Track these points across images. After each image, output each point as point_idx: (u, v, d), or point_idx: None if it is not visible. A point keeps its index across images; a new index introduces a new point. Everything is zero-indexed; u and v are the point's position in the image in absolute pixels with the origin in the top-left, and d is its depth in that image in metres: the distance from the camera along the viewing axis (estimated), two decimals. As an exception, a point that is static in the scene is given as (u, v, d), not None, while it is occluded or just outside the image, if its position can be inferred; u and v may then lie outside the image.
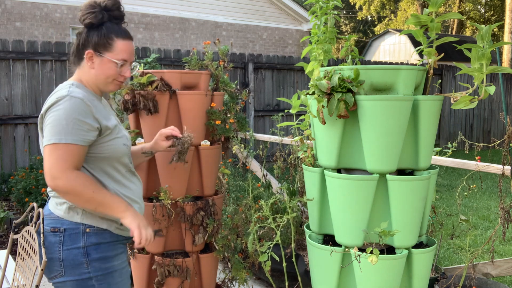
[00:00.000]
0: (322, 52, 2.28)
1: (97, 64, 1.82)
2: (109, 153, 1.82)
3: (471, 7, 28.05)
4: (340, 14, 28.59)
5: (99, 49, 1.81)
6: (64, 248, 1.76)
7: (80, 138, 1.71)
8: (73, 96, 1.73)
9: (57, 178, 1.67)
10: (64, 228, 1.77)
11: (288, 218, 2.32)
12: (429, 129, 1.94)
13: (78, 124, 1.71)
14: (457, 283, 2.88)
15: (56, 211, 1.80)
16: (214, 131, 2.67)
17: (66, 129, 1.69)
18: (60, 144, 1.68)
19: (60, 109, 1.70)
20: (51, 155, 1.69)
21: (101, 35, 1.81)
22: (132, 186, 1.92)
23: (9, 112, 6.45)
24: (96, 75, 1.83)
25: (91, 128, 1.74)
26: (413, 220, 1.95)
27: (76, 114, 1.70)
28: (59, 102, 1.72)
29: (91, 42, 1.81)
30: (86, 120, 1.72)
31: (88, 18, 1.80)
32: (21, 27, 10.36)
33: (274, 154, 4.27)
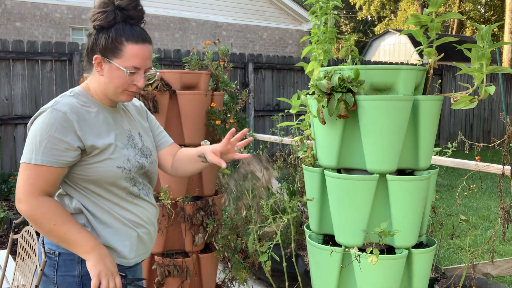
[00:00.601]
0: (322, 52, 2.27)
1: (106, 71, 1.59)
2: (97, 176, 1.58)
3: (471, 7, 28.05)
4: (340, 14, 28.59)
5: (107, 55, 1.58)
6: (59, 273, 1.60)
7: (54, 159, 1.50)
8: (55, 109, 1.52)
9: (21, 201, 1.51)
10: (59, 252, 1.60)
11: (288, 218, 2.32)
12: (429, 129, 1.94)
13: (53, 143, 1.50)
14: (457, 283, 2.88)
15: None
16: (214, 131, 2.68)
17: (38, 148, 1.49)
18: (30, 165, 1.50)
19: (38, 124, 1.52)
20: (21, 175, 1.52)
21: (108, 38, 1.57)
22: (136, 210, 1.67)
23: (9, 112, 6.45)
24: (105, 83, 1.61)
25: (69, 147, 1.52)
26: (413, 220, 1.95)
27: (52, 131, 1.50)
28: (40, 115, 1.54)
29: (99, 46, 1.58)
30: (64, 138, 1.51)
31: (98, 19, 1.58)
32: (21, 27, 10.36)
33: (274, 154, 4.27)
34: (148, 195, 1.73)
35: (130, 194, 1.66)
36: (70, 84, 6.82)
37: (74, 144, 1.52)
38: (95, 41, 1.59)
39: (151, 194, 1.76)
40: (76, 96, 1.61)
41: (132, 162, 1.65)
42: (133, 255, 1.67)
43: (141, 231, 1.68)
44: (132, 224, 1.65)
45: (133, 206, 1.66)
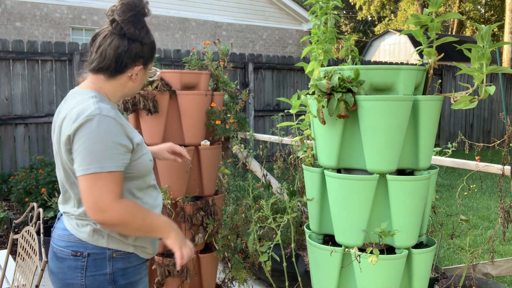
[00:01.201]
0: (322, 52, 2.27)
1: (140, 77, 1.69)
2: (138, 172, 1.66)
3: (471, 7, 28.05)
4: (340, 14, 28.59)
5: (147, 63, 1.69)
6: (88, 274, 1.60)
7: (120, 164, 1.55)
8: (104, 116, 1.53)
9: (107, 211, 1.51)
10: (88, 253, 1.61)
11: (288, 218, 2.32)
12: (429, 129, 1.94)
13: (116, 148, 1.53)
14: (457, 283, 2.88)
15: (78, 233, 1.63)
16: (214, 131, 2.68)
17: (104, 155, 1.51)
18: (102, 173, 1.51)
19: (93, 132, 1.51)
20: (94, 186, 1.51)
21: (151, 47, 1.67)
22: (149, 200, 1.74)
23: (9, 112, 6.45)
24: (132, 87, 1.69)
25: (127, 150, 1.58)
26: (413, 220, 1.95)
27: (112, 137, 1.53)
28: (90, 123, 1.51)
29: (142, 56, 1.64)
30: (122, 142, 1.56)
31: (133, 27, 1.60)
32: (21, 27, 10.36)
33: (274, 154, 4.27)
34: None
35: (152, 186, 1.76)
36: (70, 84, 6.81)
37: (129, 146, 1.58)
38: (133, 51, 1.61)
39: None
40: (102, 99, 1.62)
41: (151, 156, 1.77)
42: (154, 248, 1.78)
43: None
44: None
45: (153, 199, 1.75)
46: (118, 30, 1.60)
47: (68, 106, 1.60)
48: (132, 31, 1.59)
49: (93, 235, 1.61)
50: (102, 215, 1.51)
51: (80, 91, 1.64)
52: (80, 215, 1.63)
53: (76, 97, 1.61)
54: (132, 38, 1.60)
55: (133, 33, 1.60)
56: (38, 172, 5.47)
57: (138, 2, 1.60)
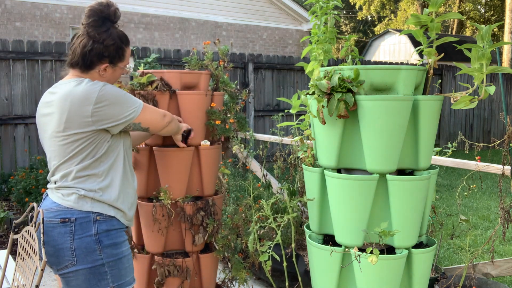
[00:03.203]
0: (322, 52, 2.27)
1: (109, 73, 1.94)
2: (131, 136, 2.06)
3: (471, 7, 28.05)
4: (340, 14, 28.59)
5: (115, 61, 1.92)
6: (76, 237, 1.80)
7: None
8: (106, 84, 1.85)
9: (166, 115, 2.10)
10: (75, 218, 1.82)
11: (289, 218, 2.32)
12: (429, 129, 1.94)
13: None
14: (457, 283, 2.88)
15: (64, 202, 1.84)
16: (214, 131, 2.67)
17: (132, 99, 1.90)
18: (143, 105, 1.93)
19: (110, 91, 1.83)
20: (149, 112, 1.98)
21: (116, 46, 1.90)
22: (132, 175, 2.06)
23: (9, 112, 6.45)
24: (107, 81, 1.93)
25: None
26: (413, 220, 1.95)
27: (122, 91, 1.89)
28: (102, 89, 1.82)
29: (106, 55, 1.89)
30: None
31: (94, 30, 1.86)
32: (21, 27, 10.36)
33: (274, 154, 4.27)
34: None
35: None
36: (70, 84, 6.80)
37: None
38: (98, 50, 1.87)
39: None
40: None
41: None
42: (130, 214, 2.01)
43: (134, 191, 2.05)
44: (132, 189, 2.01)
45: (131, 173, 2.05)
46: (84, 32, 1.87)
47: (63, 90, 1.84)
48: (93, 34, 1.85)
49: (78, 201, 1.83)
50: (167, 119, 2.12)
51: (67, 81, 1.88)
52: (62, 185, 1.86)
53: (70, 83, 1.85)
54: (94, 39, 1.86)
55: (94, 36, 1.85)
56: (38, 172, 5.47)
57: (104, 9, 1.86)
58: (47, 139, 1.91)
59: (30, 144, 6.56)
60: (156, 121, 2.04)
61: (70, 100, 1.81)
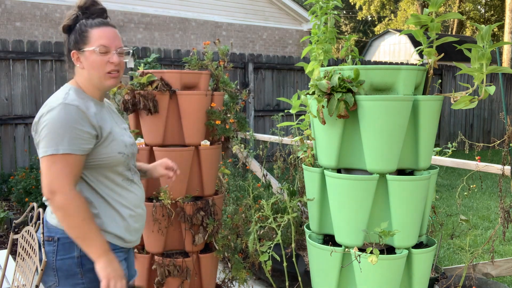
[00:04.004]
0: (322, 52, 2.27)
1: (84, 61, 1.76)
2: (106, 161, 1.73)
3: (471, 7, 28.04)
4: (340, 14, 28.59)
5: (79, 47, 1.75)
6: (58, 257, 1.70)
7: (79, 148, 1.64)
8: (67, 104, 1.65)
9: (56, 193, 1.60)
10: (58, 237, 1.70)
11: (289, 218, 2.32)
12: (429, 129, 1.94)
13: (76, 133, 1.63)
14: (457, 283, 2.88)
15: (50, 219, 1.73)
16: (214, 131, 2.68)
17: (63, 138, 1.61)
18: (58, 155, 1.61)
19: (55, 117, 1.63)
20: (51, 167, 1.61)
21: (76, 32, 1.78)
22: (127, 195, 1.81)
23: (9, 112, 6.45)
24: (89, 74, 1.76)
25: (89, 135, 1.67)
26: (413, 220, 1.95)
27: (72, 122, 1.63)
28: (53, 111, 1.64)
29: (72, 43, 1.78)
30: (84, 128, 1.65)
31: (64, 22, 1.80)
32: (21, 27, 10.36)
33: (274, 154, 4.27)
34: (139, 180, 1.93)
35: (126, 179, 1.82)
36: (70, 84, 6.81)
37: (92, 132, 1.67)
38: (68, 41, 1.79)
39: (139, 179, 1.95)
40: (76, 92, 1.74)
41: (128, 149, 1.82)
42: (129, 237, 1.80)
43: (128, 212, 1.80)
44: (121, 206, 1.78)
45: (125, 191, 1.80)
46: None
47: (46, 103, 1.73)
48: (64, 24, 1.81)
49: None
50: (51, 196, 1.61)
51: (61, 88, 1.79)
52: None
53: (55, 94, 1.76)
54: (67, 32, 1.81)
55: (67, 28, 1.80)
56: (38, 172, 5.47)
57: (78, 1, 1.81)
58: None
59: (30, 144, 6.56)
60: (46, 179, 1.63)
61: None
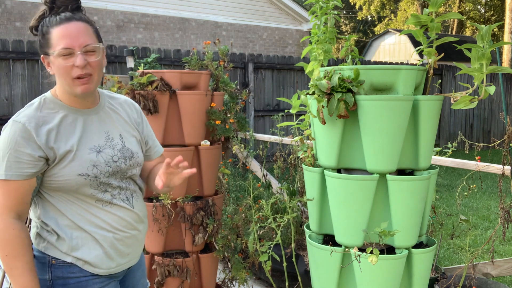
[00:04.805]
0: (322, 52, 2.27)
1: (52, 67, 1.54)
2: (60, 184, 1.52)
3: (471, 7, 28.04)
4: (340, 14, 28.58)
5: (45, 51, 1.54)
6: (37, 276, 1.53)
7: (18, 172, 1.46)
8: (15, 121, 1.48)
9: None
10: (34, 255, 1.55)
11: (289, 218, 2.32)
12: (429, 129, 1.94)
13: (15, 156, 1.45)
14: (457, 283, 2.88)
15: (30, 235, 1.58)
16: (214, 131, 2.68)
17: (1, 163, 1.46)
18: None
19: (1, 138, 1.49)
20: None
21: (39, 35, 1.56)
22: (105, 216, 1.57)
23: (9, 112, 6.45)
24: (59, 80, 1.55)
25: (31, 158, 1.46)
26: (413, 220, 1.95)
27: (12, 144, 1.45)
28: (4, 129, 1.50)
29: (38, 46, 1.58)
30: (25, 150, 1.45)
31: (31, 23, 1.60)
32: (21, 27, 10.36)
33: (274, 154, 4.27)
34: (129, 200, 1.64)
35: (100, 200, 1.57)
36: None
37: (36, 154, 1.46)
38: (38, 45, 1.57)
39: (136, 197, 1.67)
40: (42, 103, 1.54)
41: (100, 167, 1.55)
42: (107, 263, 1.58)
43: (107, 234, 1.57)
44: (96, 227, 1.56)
45: (101, 212, 1.57)
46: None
47: None
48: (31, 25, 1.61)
49: (35, 237, 1.57)
50: None
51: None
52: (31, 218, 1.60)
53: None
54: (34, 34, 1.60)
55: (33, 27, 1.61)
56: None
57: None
58: None
59: (30, 144, 6.56)
60: None
61: None
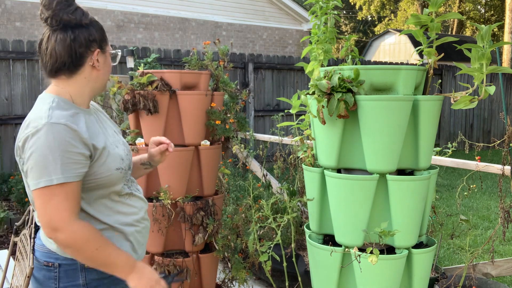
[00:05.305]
0: (322, 52, 2.27)
1: (102, 63, 1.55)
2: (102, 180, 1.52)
3: (471, 7, 28.04)
4: (340, 14, 28.57)
5: (103, 45, 1.54)
6: (61, 285, 1.52)
7: (74, 174, 1.42)
8: (54, 123, 1.40)
9: (58, 230, 1.40)
10: (59, 264, 1.52)
11: (289, 218, 2.32)
12: (429, 129, 1.94)
13: (68, 157, 1.40)
14: (457, 283, 2.88)
15: (48, 243, 1.54)
16: (214, 131, 2.68)
17: (55, 166, 1.38)
18: (52, 187, 1.39)
19: (42, 142, 1.39)
20: (47, 202, 1.40)
21: (99, 28, 1.53)
22: (128, 210, 1.63)
23: (9, 112, 6.45)
24: (97, 77, 1.56)
25: (83, 157, 1.44)
26: (413, 220, 1.95)
27: (63, 145, 1.39)
28: (38, 133, 1.39)
29: (92, 39, 1.51)
30: (76, 150, 1.42)
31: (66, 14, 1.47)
32: (21, 27, 10.36)
33: (274, 154, 4.27)
34: (138, 190, 1.71)
35: (125, 195, 1.62)
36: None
37: (86, 153, 1.45)
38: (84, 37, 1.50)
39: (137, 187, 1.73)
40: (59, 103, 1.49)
41: (125, 161, 1.61)
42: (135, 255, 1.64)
43: (138, 228, 1.64)
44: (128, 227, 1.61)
45: (126, 207, 1.62)
46: (55, 24, 1.48)
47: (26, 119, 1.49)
48: (66, 17, 1.47)
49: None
50: (54, 234, 1.42)
51: (42, 96, 1.54)
52: None
53: (37, 103, 1.51)
54: (71, 25, 1.49)
55: (69, 19, 1.48)
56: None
57: None
58: None
59: (30, 144, 6.56)
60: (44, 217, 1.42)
61: None
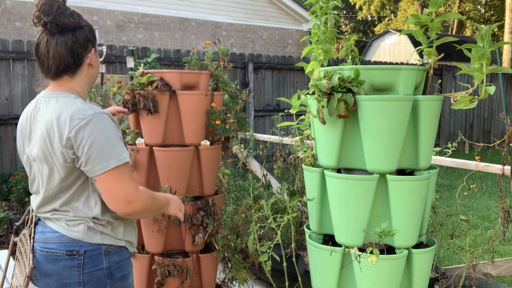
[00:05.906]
0: (322, 52, 2.27)
1: (95, 60, 1.72)
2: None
3: (471, 7, 28.04)
4: (340, 14, 28.57)
5: (95, 44, 1.70)
6: (85, 271, 1.63)
7: (128, 153, 1.64)
8: (100, 113, 1.58)
9: (135, 201, 1.59)
10: (84, 250, 1.64)
11: (289, 218, 2.32)
12: (429, 129, 1.94)
13: (119, 140, 1.61)
14: (457, 283, 2.88)
15: (70, 233, 1.64)
16: (214, 131, 2.68)
17: (118, 148, 1.58)
18: (120, 166, 1.57)
19: (98, 129, 1.55)
20: (120, 180, 1.57)
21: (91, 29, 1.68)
22: None
23: (9, 112, 6.45)
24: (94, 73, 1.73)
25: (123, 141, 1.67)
26: (413, 220, 1.95)
27: (115, 131, 1.61)
28: (92, 123, 1.55)
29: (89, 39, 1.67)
30: (120, 134, 1.64)
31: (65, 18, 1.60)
32: (21, 27, 10.35)
33: (274, 154, 4.27)
34: None
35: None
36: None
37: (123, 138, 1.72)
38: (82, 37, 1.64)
39: None
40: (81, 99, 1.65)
41: None
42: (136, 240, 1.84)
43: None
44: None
45: None
46: (54, 28, 1.61)
47: (52, 110, 1.59)
48: (67, 21, 1.60)
49: (87, 233, 1.64)
50: (131, 207, 1.59)
51: (55, 94, 1.63)
52: (73, 216, 1.65)
53: (59, 101, 1.61)
54: (71, 28, 1.62)
55: (69, 23, 1.61)
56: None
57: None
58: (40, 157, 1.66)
59: (30, 144, 6.56)
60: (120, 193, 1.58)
61: None
